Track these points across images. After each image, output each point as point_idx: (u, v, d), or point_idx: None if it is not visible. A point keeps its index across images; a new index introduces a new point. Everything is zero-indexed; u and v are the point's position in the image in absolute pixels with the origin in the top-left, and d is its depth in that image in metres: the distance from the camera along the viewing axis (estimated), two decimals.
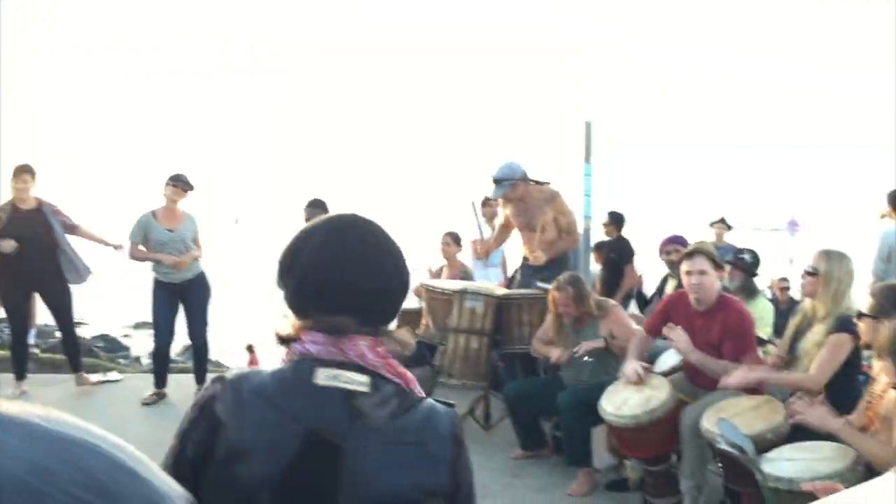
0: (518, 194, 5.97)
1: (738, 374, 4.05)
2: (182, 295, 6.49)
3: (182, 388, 6.64)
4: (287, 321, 1.43)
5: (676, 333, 4.42)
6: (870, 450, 3.18)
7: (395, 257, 1.45)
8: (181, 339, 7.23)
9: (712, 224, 9.48)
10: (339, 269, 1.40)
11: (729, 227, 9.47)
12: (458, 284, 6.09)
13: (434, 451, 1.36)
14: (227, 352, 11.23)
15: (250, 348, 9.45)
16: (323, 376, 1.34)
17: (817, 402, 3.50)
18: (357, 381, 1.34)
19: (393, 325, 1.48)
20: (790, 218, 35.15)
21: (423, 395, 1.44)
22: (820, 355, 3.90)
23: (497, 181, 5.96)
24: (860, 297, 3.99)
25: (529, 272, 6.13)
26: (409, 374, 1.43)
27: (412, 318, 7.06)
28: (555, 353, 5.18)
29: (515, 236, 6.44)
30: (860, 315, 3.33)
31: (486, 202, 8.49)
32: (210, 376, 6.51)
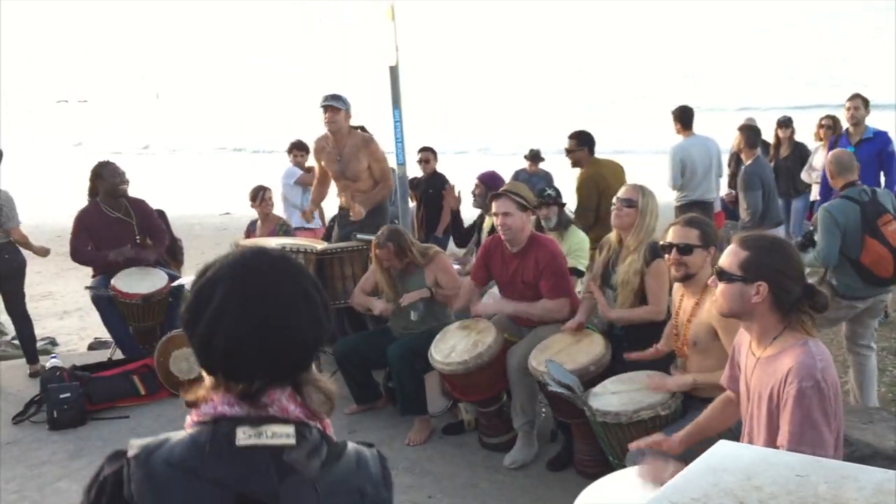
0: (339, 123, 5.84)
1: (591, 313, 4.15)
2: None
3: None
4: (192, 384, 1.31)
5: (486, 307, 4.69)
6: (710, 381, 3.25)
7: (310, 304, 1.31)
8: None
9: (525, 157, 9.71)
10: (247, 331, 1.25)
11: (542, 159, 9.71)
12: (275, 242, 5.86)
13: (372, 497, 1.30)
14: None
15: None
16: (244, 435, 1.22)
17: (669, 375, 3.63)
18: (282, 435, 1.24)
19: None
20: None
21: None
22: (651, 286, 4.04)
23: (334, 97, 5.86)
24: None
25: (347, 224, 6.01)
26: (327, 420, 1.34)
27: None
28: (378, 306, 5.12)
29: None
30: (674, 247, 3.42)
31: (296, 148, 8.29)
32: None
